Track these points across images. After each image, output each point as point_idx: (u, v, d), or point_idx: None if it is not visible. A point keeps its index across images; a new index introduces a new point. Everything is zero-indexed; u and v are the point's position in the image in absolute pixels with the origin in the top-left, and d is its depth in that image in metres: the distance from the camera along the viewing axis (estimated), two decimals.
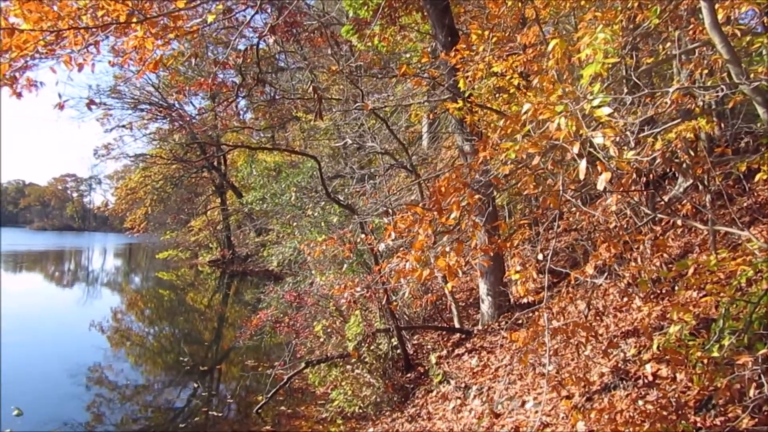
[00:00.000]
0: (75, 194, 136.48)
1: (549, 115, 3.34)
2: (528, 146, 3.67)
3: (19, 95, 6.07)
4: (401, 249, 5.31)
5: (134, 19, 5.27)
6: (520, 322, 7.80)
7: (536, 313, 4.95)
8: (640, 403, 4.35)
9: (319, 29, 12.19)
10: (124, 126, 33.02)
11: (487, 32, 6.66)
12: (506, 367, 7.21)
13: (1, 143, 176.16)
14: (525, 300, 5.43)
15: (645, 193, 6.50)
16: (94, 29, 5.22)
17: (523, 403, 6.05)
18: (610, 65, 3.69)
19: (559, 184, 3.94)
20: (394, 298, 9.20)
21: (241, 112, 29.85)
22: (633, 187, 5.03)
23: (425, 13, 10.22)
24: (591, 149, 3.38)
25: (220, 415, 9.09)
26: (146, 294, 27.44)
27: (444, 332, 9.85)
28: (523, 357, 4.51)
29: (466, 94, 7.15)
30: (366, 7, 10.95)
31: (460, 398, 7.24)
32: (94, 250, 65.52)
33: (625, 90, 6.90)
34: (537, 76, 4.39)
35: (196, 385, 10.66)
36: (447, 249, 4.12)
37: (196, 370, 11.80)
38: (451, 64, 7.27)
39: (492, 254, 4.82)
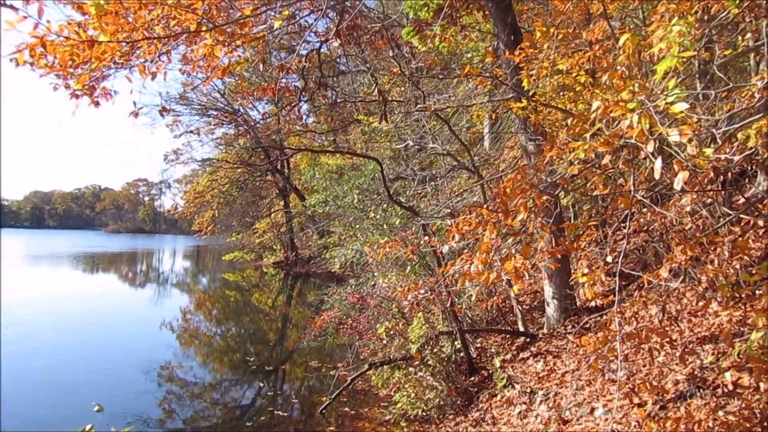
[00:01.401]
0: (147, 198, 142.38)
1: (621, 113, 3.22)
2: (598, 145, 3.55)
3: (96, 104, 6.36)
4: (465, 251, 5.25)
5: (203, 28, 5.43)
6: (588, 326, 7.58)
7: (605, 317, 4.79)
8: (720, 413, 4.14)
9: (380, 32, 12.23)
10: (192, 131, 34.34)
11: (552, 29, 6.50)
12: (574, 372, 7.01)
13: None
14: (592, 303, 5.26)
15: (722, 192, 6.19)
16: (166, 39, 5.41)
17: (593, 410, 5.86)
18: (685, 59, 3.53)
19: (630, 183, 3.80)
20: (457, 300, 9.12)
21: (304, 116, 30.29)
22: (709, 186, 4.80)
23: (487, 12, 10.10)
24: (666, 147, 3.24)
25: (285, 414, 9.22)
26: (213, 294, 28.22)
27: (508, 336, 9.69)
28: (593, 363, 4.37)
29: (531, 93, 7.01)
30: (426, 8, 10.91)
31: (525, 403, 7.10)
32: (164, 251, 68.05)
33: (699, 85, 6.60)
34: (606, 72, 4.24)
35: (261, 385, 10.87)
36: (513, 251, 4.04)
37: (262, 370, 12.03)
38: (514, 63, 7.15)
39: (559, 256, 4.69)
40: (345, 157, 23.51)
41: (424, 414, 8.16)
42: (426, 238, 8.98)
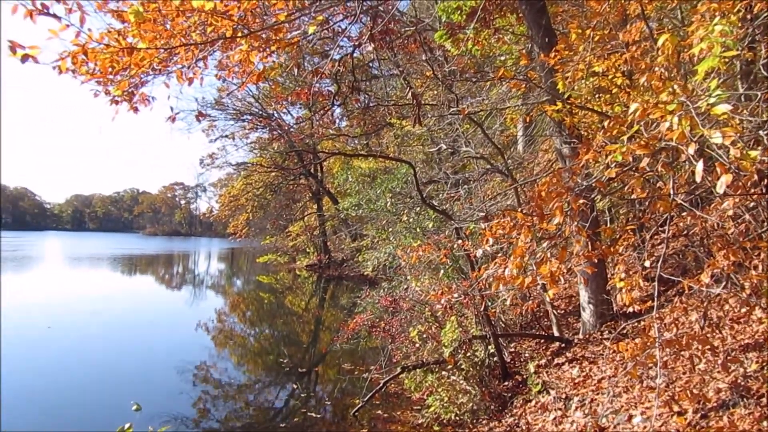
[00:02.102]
0: (183, 201, 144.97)
1: (660, 115, 3.16)
2: (636, 148, 3.49)
3: (135, 109, 6.50)
4: (499, 255, 5.21)
5: (239, 34, 5.51)
6: (625, 331, 7.44)
7: (643, 323, 4.69)
8: (765, 423, 4.02)
9: (413, 35, 12.24)
10: (227, 136, 34.90)
11: (588, 31, 6.42)
12: (610, 378, 6.89)
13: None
14: (630, 309, 5.16)
15: (766, 195, 6.02)
16: (202, 45, 5.51)
17: (630, 417, 5.75)
18: (727, 60, 3.45)
19: (670, 186, 3.72)
20: (491, 304, 9.05)
21: (337, 120, 30.52)
22: (753, 190, 4.67)
23: (520, 15, 10.03)
24: (707, 149, 3.17)
25: (318, 416, 9.27)
26: (247, 296, 28.53)
27: (542, 340, 9.58)
28: (631, 369, 4.28)
29: (566, 96, 6.93)
30: (459, 12, 10.89)
31: (560, 409, 7.00)
32: (199, 254, 69.15)
33: (742, 86, 6.44)
34: (644, 74, 4.17)
35: (294, 386, 10.94)
36: (548, 255, 3.99)
37: (295, 372, 12.11)
38: (549, 66, 7.08)
39: (595, 261, 4.62)
40: (378, 160, 23.53)
41: (457, 418, 8.11)
42: (459, 241, 8.94)
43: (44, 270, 36.93)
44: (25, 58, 4.42)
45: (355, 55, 11.45)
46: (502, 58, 14.00)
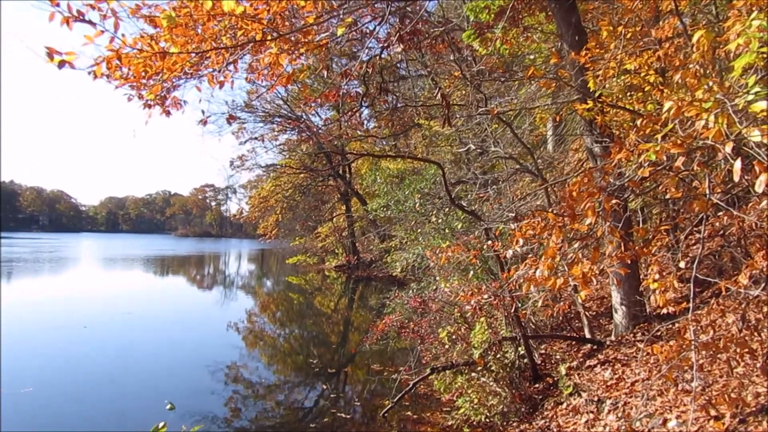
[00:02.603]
0: (213, 203, 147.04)
1: (695, 112, 3.09)
2: (670, 146, 3.42)
3: (168, 113, 6.63)
4: (529, 256, 5.15)
5: (269, 37, 5.56)
6: (659, 333, 7.30)
7: (678, 325, 4.60)
8: None
9: (441, 36, 12.21)
10: (256, 138, 35.28)
11: (620, 28, 6.31)
12: (644, 381, 6.77)
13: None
14: (664, 311, 5.06)
15: None
16: (233, 49, 5.58)
17: (665, 421, 5.63)
18: (765, 55, 3.35)
19: (706, 186, 3.64)
20: (521, 305, 8.96)
21: (365, 121, 30.60)
22: None
23: (550, 13, 9.92)
24: (744, 148, 3.09)
25: (347, 416, 9.28)
26: (277, 297, 28.75)
27: (574, 342, 9.45)
28: (667, 372, 4.20)
29: (597, 94, 6.83)
30: (487, 11, 10.81)
31: (592, 412, 6.90)
32: (230, 255, 70.01)
33: None
34: (678, 71, 4.09)
35: (324, 387, 10.99)
36: (580, 256, 3.94)
37: (324, 372, 12.16)
38: (579, 64, 6.99)
39: (628, 262, 4.54)
40: (406, 161, 23.53)
41: (487, 420, 8.05)
42: (489, 242, 8.88)
43: (80, 271, 37.81)
44: (61, 64, 4.53)
45: (383, 56, 11.47)
46: (531, 57, 13.86)
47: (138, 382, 10.92)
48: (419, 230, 15.97)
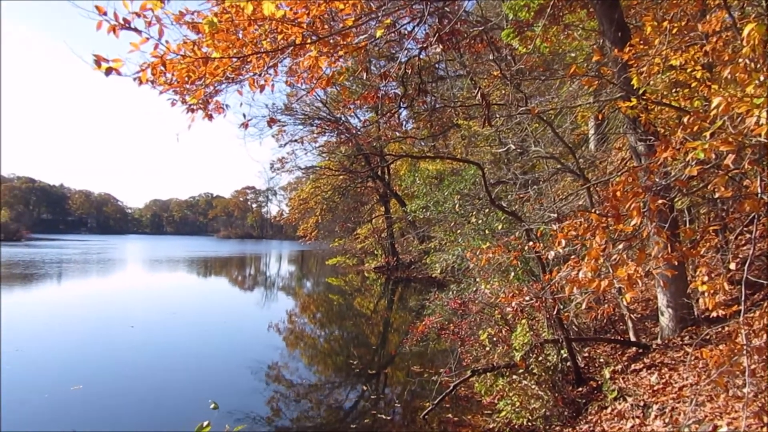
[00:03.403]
0: (254, 205, 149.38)
1: (746, 109, 2.99)
2: (719, 144, 3.31)
3: (210, 117, 6.75)
4: (572, 257, 5.06)
5: (308, 41, 5.61)
6: (708, 337, 7.09)
7: (728, 329, 4.45)
8: None
9: (480, 35, 12.12)
10: (296, 140, 35.65)
11: (665, 23, 6.15)
12: (692, 386, 6.58)
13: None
14: (713, 314, 4.90)
15: None
16: (273, 52, 5.64)
17: (715, 428, 5.45)
18: None
19: (757, 185, 3.52)
20: (563, 308, 8.82)
21: (404, 123, 30.60)
22: None
23: (591, 10, 9.75)
24: None
25: (387, 418, 9.28)
26: (317, 298, 28.98)
27: (618, 345, 9.25)
28: (717, 377, 4.07)
29: (641, 91, 6.67)
30: (527, 9, 10.68)
31: (638, 417, 6.73)
32: (271, 256, 70.96)
33: None
34: (726, 66, 3.96)
35: (364, 388, 11.02)
36: (625, 257, 3.85)
37: (364, 373, 12.19)
38: (622, 61, 6.84)
39: (675, 263, 4.40)
40: (445, 162, 23.46)
41: (529, 424, 7.95)
42: (530, 243, 8.77)
43: (127, 272, 38.87)
44: (108, 71, 4.66)
45: (421, 56, 11.45)
46: (572, 54, 13.65)
47: (182, 381, 11.16)
48: (459, 231, 15.89)
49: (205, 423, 3.27)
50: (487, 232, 12.97)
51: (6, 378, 10.72)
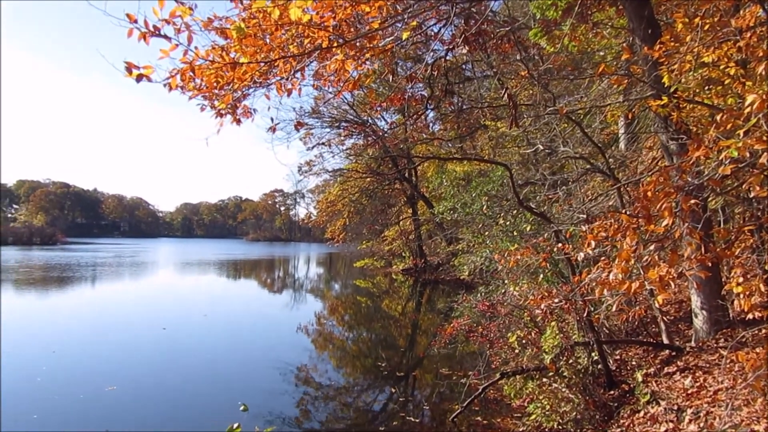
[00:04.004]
0: (283, 208, 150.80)
1: None
2: (754, 142, 3.24)
3: (238, 121, 6.82)
4: (602, 258, 4.99)
5: (335, 44, 5.64)
6: (744, 340, 6.92)
7: (764, 331, 4.35)
8: None
9: (507, 35, 12.03)
10: (323, 143, 35.93)
11: (697, 19, 6.04)
12: (728, 390, 6.43)
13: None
14: (749, 316, 4.78)
15: None
16: (300, 56, 5.69)
17: None
18: None
19: None
20: (593, 310, 8.70)
21: (431, 124, 30.56)
22: None
23: (620, 7, 9.61)
24: None
25: (416, 420, 9.25)
26: (345, 300, 29.05)
27: (650, 348, 9.09)
28: (754, 381, 3.97)
29: (672, 89, 6.55)
30: (555, 8, 10.59)
31: (672, 422, 6.61)
32: (299, 258, 71.49)
33: None
34: (761, 62, 3.87)
35: (392, 390, 11.01)
36: (657, 259, 3.78)
37: (393, 375, 12.18)
38: (653, 59, 6.73)
39: (709, 264, 4.31)
40: (472, 163, 23.34)
41: (559, 427, 7.85)
42: (559, 244, 8.67)
43: (159, 275, 39.53)
44: (139, 78, 4.75)
45: (448, 58, 11.40)
46: (601, 53, 13.47)
47: (213, 382, 11.29)
48: (487, 233, 15.79)
49: (236, 425, 3.31)
50: (515, 233, 12.87)
51: (43, 379, 11.02)
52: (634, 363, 8.89)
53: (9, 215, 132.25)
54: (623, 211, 4.64)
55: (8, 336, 15.23)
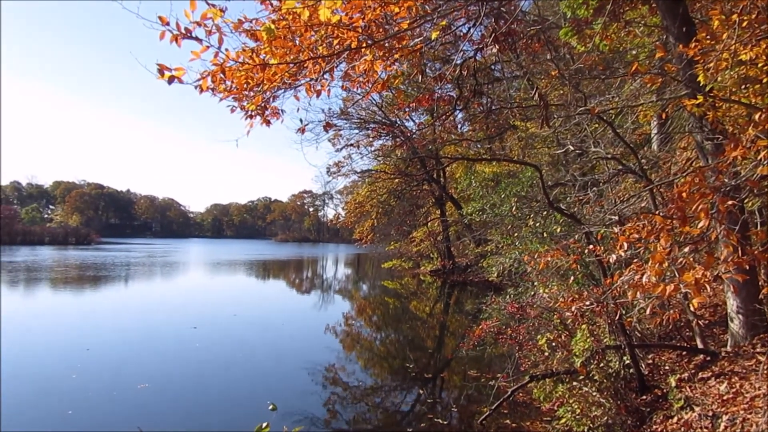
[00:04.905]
0: (311, 209, 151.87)
1: None
2: None
3: (268, 122, 6.88)
4: (635, 261, 4.90)
5: (364, 45, 5.65)
6: None
7: None
8: None
9: (537, 35, 11.91)
10: (352, 144, 36.11)
11: (734, 16, 5.89)
12: (765, 396, 6.26)
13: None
14: None
15: None
16: (329, 57, 5.71)
17: None
18: None
19: None
20: (625, 313, 8.56)
21: (459, 125, 30.45)
22: None
23: (653, 5, 9.44)
24: None
25: (444, 422, 9.22)
26: (373, 301, 29.09)
27: (684, 352, 8.90)
28: None
29: (708, 88, 6.41)
30: (586, 6, 10.44)
31: (707, 428, 6.46)
32: (327, 259, 71.89)
33: None
34: None
35: (420, 391, 10.99)
36: (692, 261, 3.70)
37: (420, 377, 12.16)
38: (687, 57, 6.58)
39: (746, 267, 4.19)
40: (501, 164, 23.19)
41: None
42: (590, 246, 8.55)
43: (190, 274, 40.14)
44: (171, 80, 4.82)
45: (477, 58, 11.34)
46: (634, 52, 13.25)
47: (242, 382, 11.40)
48: (516, 234, 15.68)
49: (264, 424, 3.32)
50: (545, 235, 12.74)
51: (78, 376, 11.27)
52: (667, 367, 8.72)
53: (45, 216, 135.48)
54: (656, 212, 4.55)
55: (45, 334, 15.67)
